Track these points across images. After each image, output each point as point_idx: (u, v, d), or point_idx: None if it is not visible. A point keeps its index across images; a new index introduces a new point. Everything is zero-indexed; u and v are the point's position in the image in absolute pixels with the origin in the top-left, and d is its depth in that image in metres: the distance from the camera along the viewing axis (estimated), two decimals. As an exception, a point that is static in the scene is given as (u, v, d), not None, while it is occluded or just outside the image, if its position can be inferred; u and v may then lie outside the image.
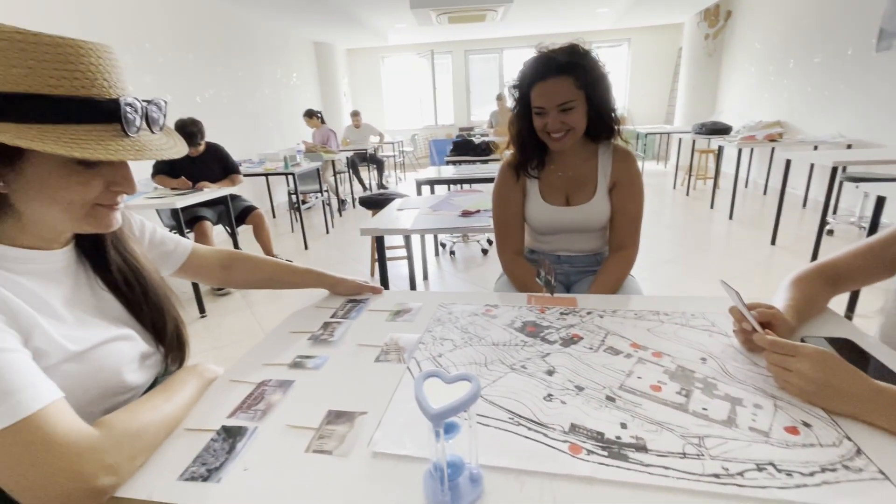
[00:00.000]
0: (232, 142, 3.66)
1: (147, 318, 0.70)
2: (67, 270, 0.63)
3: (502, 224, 1.27)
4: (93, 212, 0.56)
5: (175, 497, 0.49)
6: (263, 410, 0.63)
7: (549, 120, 1.08)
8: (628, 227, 1.19)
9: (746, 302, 0.70)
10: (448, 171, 3.47)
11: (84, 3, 3.27)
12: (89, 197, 0.55)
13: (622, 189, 1.18)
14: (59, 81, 0.48)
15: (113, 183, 0.56)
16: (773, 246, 3.30)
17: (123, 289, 0.68)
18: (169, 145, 0.60)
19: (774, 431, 0.54)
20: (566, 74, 1.05)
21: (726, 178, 5.53)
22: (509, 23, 6.78)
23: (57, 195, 0.53)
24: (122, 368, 0.62)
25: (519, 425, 0.57)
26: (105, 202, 0.57)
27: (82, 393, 0.56)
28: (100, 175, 0.55)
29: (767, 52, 5.27)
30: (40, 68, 0.47)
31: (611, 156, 1.18)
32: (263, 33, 5.81)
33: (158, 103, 0.59)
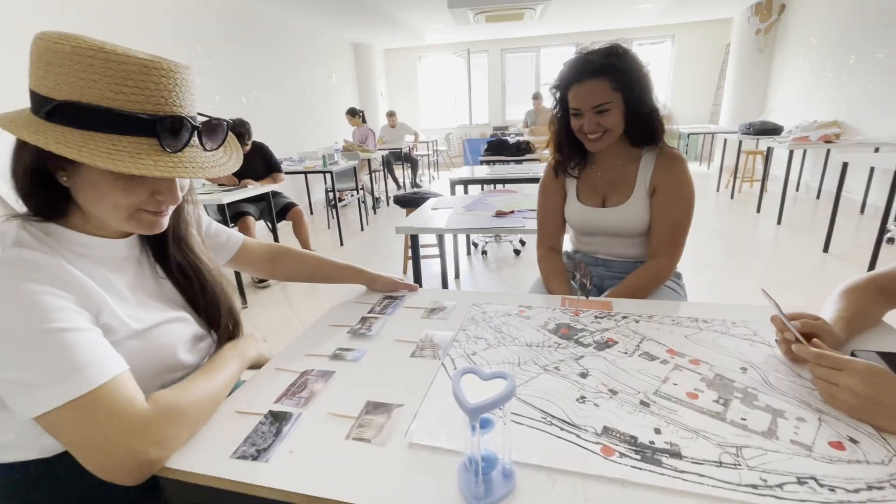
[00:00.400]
0: (274, 140, 3.81)
1: (203, 310, 0.76)
2: (130, 258, 0.69)
3: (541, 218, 1.33)
4: (136, 215, 0.60)
5: (228, 473, 0.53)
6: (306, 398, 0.67)
7: (585, 121, 1.09)
8: (665, 235, 1.14)
9: (790, 311, 0.68)
10: (482, 170, 3.48)
11: (142, 8, 3.49)
12: (132, 202, 0.59)
13: (663, 194, 1.13)
14: (117, 95, 0.52)
15: (157, 192, 0.60)
16: (826, 254, 3.11)
17: (182, 282, 0.74)
18: (218, 162, 0.63)
19: (818, 446, 0.52)
20: (602, 76, 1.05)
21: (774, 180, 5.25)
22: (547, 21, 6.69)
23: (104, 197, 0.57)
24: (177, 347, 0.68)
25: (551, 425, 0.58)
26: (149, 208, 0.61)
27: (141, 368, 0.62)
28: (144, 184, 0.58)
29: (825, 47, 4.96)
30: (103, 81, 0.51)
31: (654, 159, 1.15)
32: (305, 35, 6.00)
33: (214, 123, 0.62)
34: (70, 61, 0.51)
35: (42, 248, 0.57)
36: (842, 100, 4.64)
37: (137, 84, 0.52)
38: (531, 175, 3.10)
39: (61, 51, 0.51)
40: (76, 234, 0.61)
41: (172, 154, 0.56)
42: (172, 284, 0.74)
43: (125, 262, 0.67)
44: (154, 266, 0.73)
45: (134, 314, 0.63)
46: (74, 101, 0.51)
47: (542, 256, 1.29)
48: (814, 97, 5.16)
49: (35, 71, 0.53)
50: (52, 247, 0.58)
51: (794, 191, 5.12)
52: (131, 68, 0.52)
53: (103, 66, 0.51)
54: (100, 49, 0.51)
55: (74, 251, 0.61)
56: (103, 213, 0.59)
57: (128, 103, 0.52)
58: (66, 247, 0.60)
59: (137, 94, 0.53)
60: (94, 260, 0.62)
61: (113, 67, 0.51)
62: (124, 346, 0.60)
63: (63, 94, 0.51)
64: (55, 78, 0.51)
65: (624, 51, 1.06)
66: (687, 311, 0.89)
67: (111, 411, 0.51)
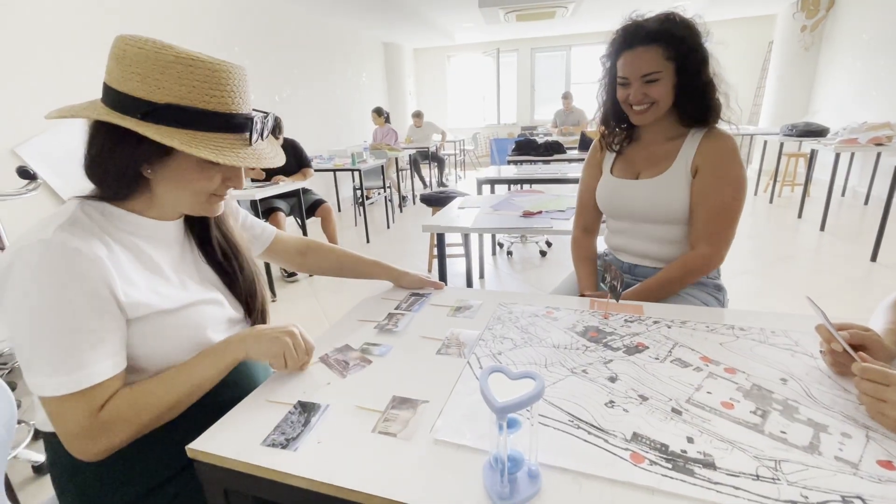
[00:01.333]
0: (304, 138, 3.89)
1: (241, 291, 0.80)
2: (177, 239, 0.74)
3: (579, 196, 1.31)
4: (209, 199, 0.69)
5: (257, 459, 0.55)
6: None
7: (632, 91, 1.04)
8: (707, 220, 1.03)
9: (838, 321, 0.65)
10: (509, 170, 3.45)
11: (185, 11, 3.63)
12: (211, 188, 0.67)
13: (707, 174, 1.02)
14: (210, 98, 0.60)
15: (228, 179, 0.69)
16: (874, 263, 2.94)
17: (222, 262, 0.79)
18: (274, 153, 0.70)
19: (865, 463, 0.49)
20: (655, 43, 0.99)
21: (818, 185, 5.00)
22: (579, 19, 6.57)
23: (189, 185, 0.66)
24: (208, 328, 0.72)
25: (579, 428, 0.57)
26: (220, 193, 0.69)
27: (174, 343, 0.67)
28: (220, 172, 0.67)
29: (878, 44, 4.68)
30: (200, 87, 0.59)
31: (700, 137, 1.05)
32: (337, 35, 6.10)
33: (271, 117, 0.69)
34: (172, 69, 0.57)
35: (90, 229, 0.61)
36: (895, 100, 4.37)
37: (224, 88, 0.61)
38: (559, 175, 3.06)
39: (164, 59, 0.57)
40: (131, 215, 0.67)
41: (249, 147, 0.64)
42: (213, 269, 0.79)
43: (172, 243, 0.73)
44: (196, 251, 0.78)
45: (171, 292, 0.68)
46: (175, 104, 0.58)
47: (574, 238, 1.29)
48: (864, 98, 4.88)
49: (128, 76, 0.58)
50: (101, 226, 0.63)
51: (840, 196, 4.86)
52: (221, 76, 0.60)
53: (196, 73, 0.58)
54: (197, 59, 0.59)
55: (125, 230, 0.66)
56: (184, 199, 0.67)
57: (219, 105, 0.61)
58: (118, 226, 0.66)
59: (225, 97, 0.61)
60: (143, 238, 0.68)
61: (208, 75, 0.59)
62: (157, 322, 0.65)
63: (165, 97, 0.58)
64: (156, 84, 0.58)
65: (682, 18, 1.00)
66: (722, 318, 0.86)
67: (74, 414, 0.58)
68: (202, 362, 0.66)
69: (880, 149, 3.59)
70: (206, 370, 0.66)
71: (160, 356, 0.66)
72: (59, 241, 0.56)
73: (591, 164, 1.27)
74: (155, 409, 0.62)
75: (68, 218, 0.60)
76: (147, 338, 0.64)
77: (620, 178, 1.17)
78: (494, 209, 1.99)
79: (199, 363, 0.66)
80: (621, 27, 1.06)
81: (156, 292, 0.66)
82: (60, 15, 2.70)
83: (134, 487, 0.67)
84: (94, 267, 0.58)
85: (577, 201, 1.31)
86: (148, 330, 0.64)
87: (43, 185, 2.46)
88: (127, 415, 0.60)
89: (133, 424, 0.61)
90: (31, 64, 2.55)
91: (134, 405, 0.61)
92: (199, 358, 0.67)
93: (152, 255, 0.68)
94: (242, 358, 0.68)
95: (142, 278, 0.65)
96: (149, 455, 0.67)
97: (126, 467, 0.66)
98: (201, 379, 0.66)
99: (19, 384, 1.92)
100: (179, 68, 0.57)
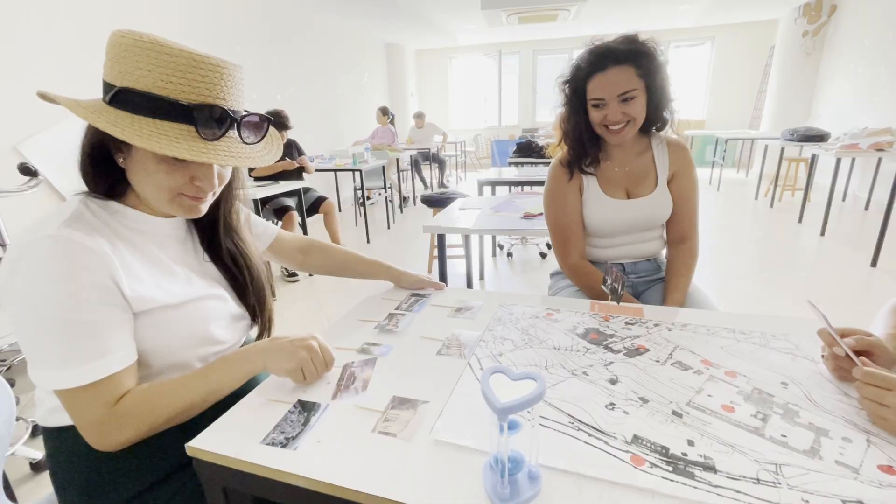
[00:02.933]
0: (306, 138, 3.91)
1: (250, 297, 0.80)
2: (174, 237, 0.73)
3: (563, 227, 1.21)
4: (177, 199, 0.65)
5: (257, 458, 0.55)
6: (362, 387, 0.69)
7: (609, 111, 1.06)
8: (690, 216, 1.19)
9: (840, 326, 0.65)
10: (510, 172, 3.46)
11: (188, 9, 3.63)
12: (173, 185, 0.63)
13: (682, 178, 1.18)
14: (166, 84, 0.57)
15: (196, 178, 0.64)
16: (874, 268, 2.94)
17: (233, 269, 0.78)
18: (257, 154, 0.66)
19: (866, 468, 0.49)
20: (628, 63, 1.04)
21: (818, 189, 5.01)
22: (582, 22, 6.58)
23: (149, 178, 0.62)
24: (211, 323, 0.71)
25: (579, 430, 0.57)
26: (189, 193, 0.65)
27: (178, 337, 0.67)
28: (184, 169, 0.63)
29: (879, 50, 4.69)
30: (156, 71, 0.56)
31: (665, 147, 1.19)
32: (340, 35, 6.11)
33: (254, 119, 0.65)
34: (132, 52, 0.56)
35: (93, 224, 0.61)
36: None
37: (185, 76, 0.57)
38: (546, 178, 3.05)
39: (125, 43, 0.57)
40: (131, 211, 0.67)
41: (208, 142, 0.60)
42: (220, 270, 0.78)
43: (169, 240, 0.72)
44: (198, 249, 0.77)
45: (173, 287, 0.67)
46: (130, 88, 0.57)
47: (577, 265, 1.19)
48: (865, 103, 4.89)
49: (106, 62, 0.59)
50: (104, 221, 0.63)
51: (840, 201, 4.86)
52: (182, 61, 0.57)
53: (157, 58, 0.56)
54: (156, 43, 0.56)
55: (127, 226, 0.66)
56: (148, 194, 0.64)
57: (175, 92, 0.57)
58: (120, 221, 0.66)
59: (185, 85, 0.57)
60: (144, 234, 0.68)
61: (166, 60, 0.56)
62: (160, 316, 0.64)
63: (123, 81, 0.57)
64: (119, 67, 0.57)
65: (644, 38, 1.07)
66: (723, 322, 0.86)
67: (92, 404, 0.58)
68: (220, 369, 0.65)
69: (881, 154, 3.59)
70: (223, 377, 0.65)
71: (165, 350, 0.66)
72: (64, 236, 0.57)
73: (567, 188, 1.19)
74: (168, 411, 0.61)
75: (71, 214, 0.60)
76: (151, 332, 0.64)
77: (616, 199, 1.18)
78: (495, 210, 1.99)
79: (217, 370, 0.65)
80: (588, 51, 1.08)
81: (160, 287, 0.66)
82: (64, 13, 2.70)
83: (134, 484, 0.67)
84: (99, 261, 0.58)
85: (562, 230, 1.22)
86: (152, 324, 0.64)
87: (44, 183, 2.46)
88: (140, 412, 0.60)
89: (144, 423, 0.60)
90: (33, 61, 2.55)
91: (148, 403, 0.60)
92: (217, 364, 0.66)
93: (155, 251, 0.68)
94: (260, 370, 0.66)
95: (146, 273, 0.65)
96: (149, 452, 0.66)
97: (126, 464, 0.66)
98: (218, 385, 0.64)
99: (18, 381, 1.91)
100: (137, 50, 0.56)
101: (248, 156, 0.65)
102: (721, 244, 3.57)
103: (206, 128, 0.59)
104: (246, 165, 0.64)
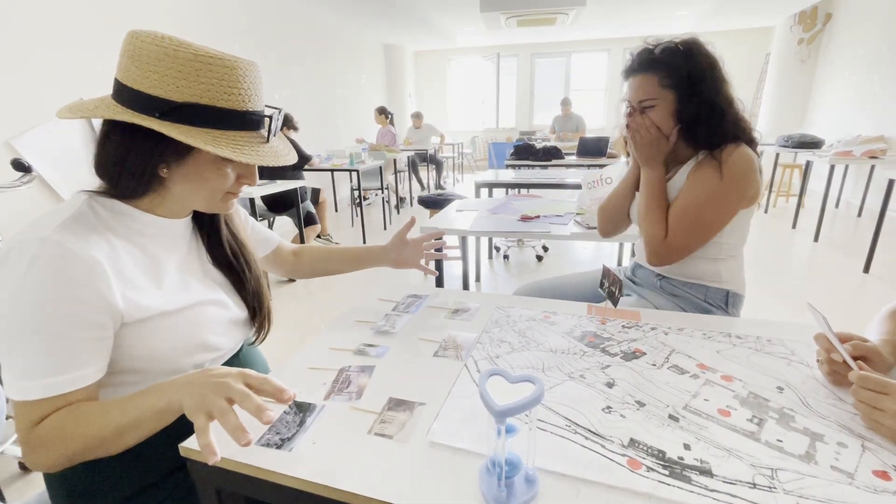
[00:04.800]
0: (304, 138, 3.90)
1: (248, 291, 0.79)
2: (184, 237, 0.73)
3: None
4: (225, 197, 0.68)
5: (252, 459, 0.54)
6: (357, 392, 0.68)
7: (632, 118, 1.06)
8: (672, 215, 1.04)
9: (837, 332, 0.65)
10: (507, 174, 3.46)
11: (185, 7, 3.62)
12: (226, 186, 0.67)
13: (690, 177, 1.04)
14: (228, 97, 0.59)
15: (242, 176, 0.68)
16: (866, 274, 2.97)
17: (231, 261, 0.78)
18: (287, 150, 0.70)
19: (860, 473, 0.50)
20: (650, 72, 1.02)
21: (812, 196, 5.05)
22: (580, 26, 6.62)
23: (206, 183, 0.65)
24: (208, 330, 0.70)
25: (576, 433, 0.57)
26: (233, 190, 0.69)
27: (173, 344, 0.65)
28: (235, 170, 0.67)
29: (873, 59, 4.74)
30: (218, 85, 0.58)
31: (702, 155, 1.05)
32: (339, 35, 6.10)
33: (282, 113, 0.69)
34: (190, 67, 0.57)
35: (94, 227, 0.60)
36: (890, 114, 4.43)
37: (240, 86, 0.60)
38: (557, 181, 3.07)
39: (182, 57, 0.57)
40: (139, 213, 0.66)
41: (266, 144, 0.65)
42: (219, 270, 0.77)
43: (179, 241, 0.72)
44: (202, 250, 0.77)
45: (171, 294, 0.66)
46: (195, 103, 0.58)
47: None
48: (859, 111, 4.95)
49: (145, 73, 0.57)
50: (107, 224, 0.62)
51: (834, 207, 4.91)
52: (238, 73, 0.60)
53: (219, 72, 0.58)
54: (214, 57, 0.58)
55: (133, 228, 0.65)
56: (199, 197, 0.67)
57: (235, 103, 0.60)
58: (126, 224, 0.64)
59: (241, 95, 0.61)
60: (149, 237, 0.67)
61: (225, 73, 0.59)
62: (156, 323, 0.63)
63: (184, 96, 0.57)
64: (174, 82, 0.57)
65: (685, 47, 1.00)
66: (719, 326, 0.86)
67: (21, 421, 0.56)
68: (140, 397, 0.56)
69: (874, 161, 3.64)
70: (141, 407, 0.55)
71: (159, 357, 0.64)
72: (55, 241, 0.54)
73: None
74: (85, 440, 0.54)
75: (73, 214, 0.59)
76: (146, 339, 0.62)
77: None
78: (492, 212, 1.99)
79: (137, 398, 0.56)
80: (631, 52, 1.07)
81: (158, 294, 0.64)
82: (58, 6, 2.68)
83: (126, 486, 0.66)
84: (87, 272, 0.55)
85: None
86: (147, 332, 0.62)
87: (37, 179, 2.44)
88: (53, 439, 0.55)
89: (57, 451, 0.55)
90: (27, 56, 2.53)
91: (62, 430, 0.55)
92: (142, 392, 0.56)
93: (157, 254, 0.67)
94: (177, 404, 0.53)
95: (144, 279, 0.64)
96: (142, 454, 0.65)
97: (118, 466, 0.65)
98: (137, 415, 0.54)
99: (8, 379, 1.88)
100: (198, 66, 0.57)
101: (282, 154, 0.68)
102: (716, 249, 3.59)
103: (262, 131, 0.64)
104: (288, 163, 0.68)
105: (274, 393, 0.53)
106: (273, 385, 0.54)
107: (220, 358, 0.73)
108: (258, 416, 0.50)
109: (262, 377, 0.54)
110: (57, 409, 0.56)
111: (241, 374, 0.54)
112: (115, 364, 0.61)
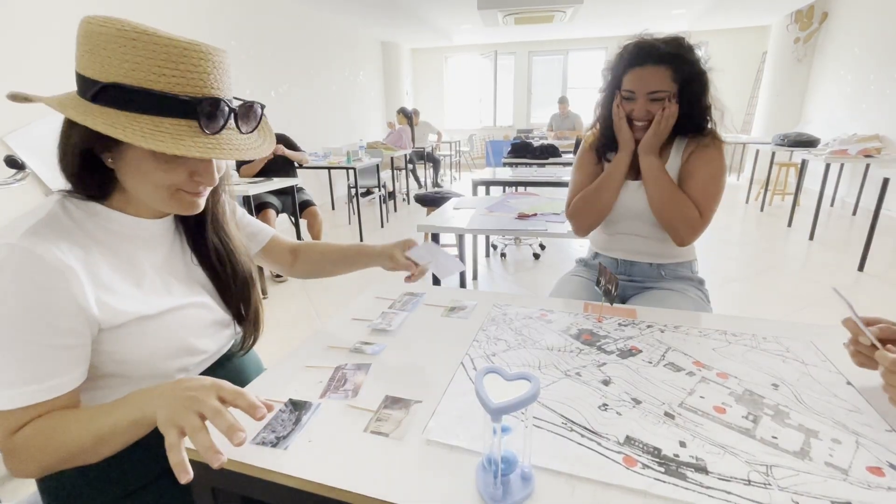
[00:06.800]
0: (300, 135, 3.87)
1: (232, 297, 0.76)
2: (164, 237, 0.70)
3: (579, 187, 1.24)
4: (176, 195, 0.61)
5: (247, 458, 0.54)
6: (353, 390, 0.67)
7: (637, 107, 1.08)
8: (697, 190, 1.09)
9: (864, 316, 0.64)
10: (504, 172, 3.46)
11: (181, 4, 3.59)
12: (172, 182, 0.60)
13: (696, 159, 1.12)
14: (158, 77, 0.52)
15: (195, 173, 0.61)
16: (861, 272, 2.99)
17: (217, 267, 0.74)
18: (254, 145, 0.62)
19: (855, 470, 0.50)
20: (665, 65, 1.05)
21: (808, 194, 5.08)
22: (577, 24, 6.61)
23: (146, 177, 0.59)
24: (192, 333, 0.67)
25: (572, 431, 0.57)
26: (188, 189, 0.62)
27: (156, 349, 0.63)
28: (184, 164, 0.59)
29: (869, 58, 4.77)
30: (146, 63, 0.52)
31: (687, 140, 1.14)
32: (335, 33, 6.08)
33: (248, 106, 0.62)
34: (115, 44, 0.51)
35: (66, 230, 0.57)
36: (885, 113, 4.45)
37: (178, 67, 0.53)
38: (554, 179, 3.07)
39: (107, 34, 0.51)
40: (114, 213, 0.63)
41: (211, 136, 0.56)
42: (204, 271, 0.74)
43: (156, 241, 0.68)
44: (186, 250, 0.74)
45: (150, 297, 0.64)
46: (119, 84, 0.52)
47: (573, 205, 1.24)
48: (854, 110, 4.97)
49: (81, 54, 0.54)
50: (81, 225, 0.59)
51: (829, 206, 4.94)
52: (173, 51, 0.52)
53: (146, 49, 0.52)
54: (143, 32, 0.52)
55: (109, 229, 0.62)
56: (145, 193, 0.61)
57: (169, 85, 0.53)
58: (101, 225, 0.62)
59: (178, 77, 0.53)
60: (126, 238, 0.64)
61: (156, 50, 0.52)
62: (136, 328, 0.61)
63: (109, 76, 0.52)
64: (101, 61, 0.52)
65: (690, 45, 1.08)
66: (714, 324, 0.86)
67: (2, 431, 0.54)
68: (116, 407, 0.54)
69: (869, 160, 3.66)
70: (116, 417, 0.53)
71: (142, 363, 0.62)
72: (23, 247, 0.52)
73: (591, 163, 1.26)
74: (62, 450, 0.53)
75: (44, 217, 0.56)
76: (126, 344, 0.60)
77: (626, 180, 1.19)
78: (489, 210, 1.99)
79: (113, 408, 0.54)
80: (633, 44, 1.09)
81: (136, 297, 0.62)
82: (53, 3, 2.65)
83: (120, 487, 0.66)
84: (57, 278, 0.53)
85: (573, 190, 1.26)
86: (128, 337, 0.60)
87: (31, 176, 2.42)
88: (33, 447, 0.53)
89: (36, 460, 0.54)
90: (21, 52, 2.51)
91: (40, 440, 0.54)
92: (119, 402, 0.55)
93: (135, 256, 0.64)
94: (151, 416, 0.51)
95: (121, 283, 0.61)
96: (136, 455, 0.64)
97: (112, 467, 0.64)
98: (112, 425, 0.53)
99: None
100: (122, 41, 0.51)
101: (248, 147, 0.61)
102: (711, 247, 3.60)
103: (208, 121, 0.56)
104: (248, 158, 0.61)
105: (247, 409, 0.50)
106: (247, 400, 0.50)
107: (207, 361, 0.71)
108: (229, 438, 0.46)
109: (237, 391, 0.51)
110: (36, 418, 0.54)
111: (214, 387, 0.51)
112: (96, 369, 0.60)
